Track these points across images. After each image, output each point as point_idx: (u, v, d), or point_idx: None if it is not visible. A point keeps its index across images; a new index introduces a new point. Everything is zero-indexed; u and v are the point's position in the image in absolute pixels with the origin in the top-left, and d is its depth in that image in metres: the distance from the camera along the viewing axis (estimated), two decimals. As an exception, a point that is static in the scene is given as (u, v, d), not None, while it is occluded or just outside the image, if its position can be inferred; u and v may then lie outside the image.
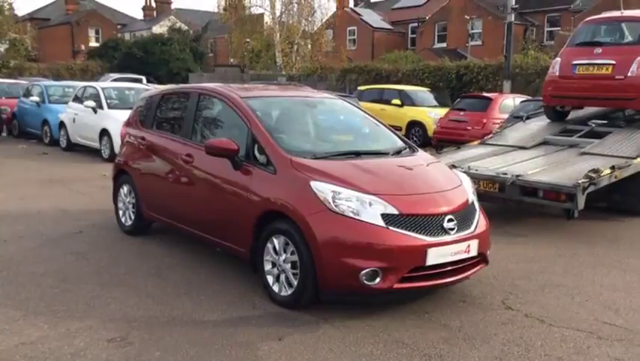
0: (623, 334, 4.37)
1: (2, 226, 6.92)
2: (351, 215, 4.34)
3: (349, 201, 4.37)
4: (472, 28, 37.04)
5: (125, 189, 6.70)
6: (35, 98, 16.36)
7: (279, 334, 4.16)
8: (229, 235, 5.18)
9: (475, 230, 4.74)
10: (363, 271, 4.24)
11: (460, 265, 4.67)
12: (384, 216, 4.35)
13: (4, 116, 17.67)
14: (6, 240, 6.35)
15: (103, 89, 13.88)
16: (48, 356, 3.76)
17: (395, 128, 18.77)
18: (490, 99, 15.43)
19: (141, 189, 6.39)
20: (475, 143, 9.85)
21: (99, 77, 30.99)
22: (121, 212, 6.79)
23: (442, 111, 16.93)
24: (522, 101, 13.85)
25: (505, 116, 13.47)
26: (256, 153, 4.98)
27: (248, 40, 29.07)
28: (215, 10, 32.53)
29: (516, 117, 11.44)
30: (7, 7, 31.54)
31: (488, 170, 7.79)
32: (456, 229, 4.56)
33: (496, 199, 7.78)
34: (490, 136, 9.99)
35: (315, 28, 30.57)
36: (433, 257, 4.41)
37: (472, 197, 5.00)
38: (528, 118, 10.65)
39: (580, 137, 9.11)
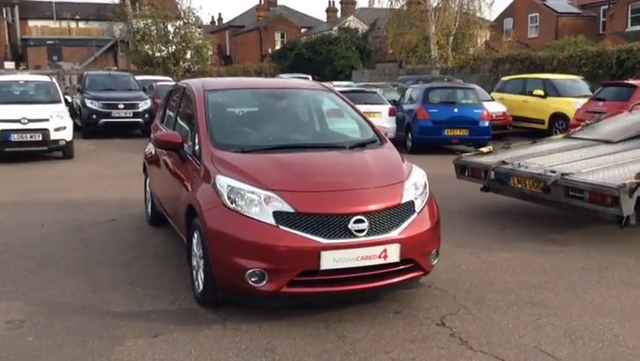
0: (548, 368, 3.57)
1: (56, 213, 7.69)
2: (243, 212, 4.10)
3: (243, 197, 4.14)
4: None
5: (148, 182, 7.07)
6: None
7: (160, 331, 4.09)
8: (181, 228, 5.21)
9: (400, 234, 4.18)
10: (249, 272, 4.00)
11: (377, 272, 4.17)
12: (277, 214, 4.05)
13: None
14: (43, 225, 7.06)
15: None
16: (-55, 331, 4.13)
17: (537, 122, 17.46)
18: (634, 87, 13.40)
19: (151, 181, 6.70)
20: (559, 136, 8.65)
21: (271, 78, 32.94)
22: (147, 203, 7.18)
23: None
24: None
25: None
26: (196, 146, 4.95)
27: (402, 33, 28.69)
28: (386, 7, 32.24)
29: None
30: (193, 17, 34.76)
31: (539, 167, 6.78)
32: (367, 230, 4.08)
33: (546, 202, 6.78)
34: (579, 128, 8.68)
35: (472, 17, 28.87)
36: (330, 261, 3.99)
37: (411, 197, 4.41)
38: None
39: (684, 129, 7.54)
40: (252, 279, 4.01)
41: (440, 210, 4.72)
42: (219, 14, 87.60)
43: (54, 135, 12.44)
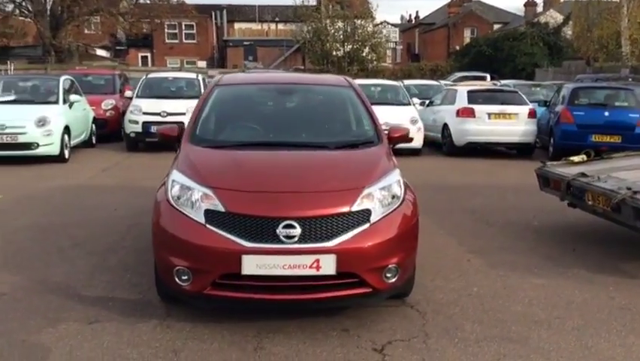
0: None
1: (137, 199, 8.12)
2: (180, 207, 4.00)
3: (181, 193, 4.04)
4: None
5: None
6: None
7: (100, 318, 4.16)
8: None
9: (339, 244, 3.76)
10: (176, 269, 3.89)
11: (309, 283, 3.79)
12: (208, 212, 3.87)
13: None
14: (116, 209, 7.61)
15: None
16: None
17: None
18: None
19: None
20: (682, 147, 7.13)
21: (446, 77, 31.98)
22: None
23: None
24: None
25: None
26: (185, 139, 4.95)
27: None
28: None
29: None
30: (370, 16, 35.01)
31: (618, 182, 5.66)
32: (297, 237, 3.73)
33: (620, 223, 5.64)
34: None
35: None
36: (252, 266, 3.73)
37: (368, 205, 3.92)
38: None
39: None
40: (180, 277, 3.89)
41: (521, 226, 4.12)
42: (417, 12, 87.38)
43: (189, 128, 13.32)
